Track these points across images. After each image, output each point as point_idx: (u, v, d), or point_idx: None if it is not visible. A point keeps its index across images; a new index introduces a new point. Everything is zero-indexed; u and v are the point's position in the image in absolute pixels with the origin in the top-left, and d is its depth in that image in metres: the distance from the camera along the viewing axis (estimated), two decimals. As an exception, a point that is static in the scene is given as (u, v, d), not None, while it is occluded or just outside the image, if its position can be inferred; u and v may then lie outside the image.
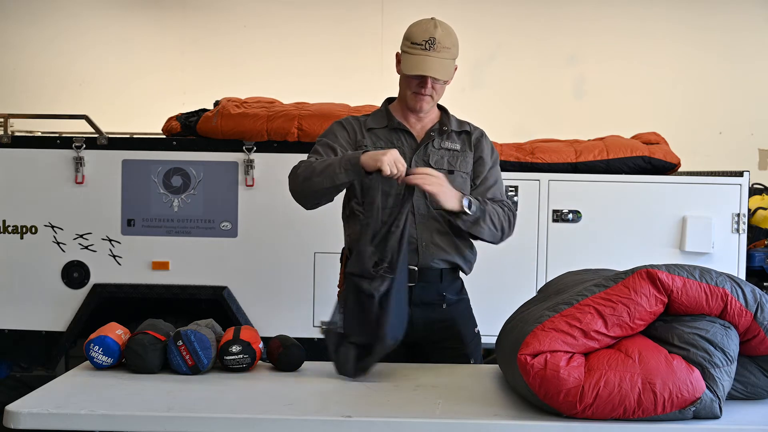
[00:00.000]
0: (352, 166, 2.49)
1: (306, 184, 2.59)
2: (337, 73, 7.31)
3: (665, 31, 7.50)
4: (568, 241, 4.08)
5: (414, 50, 2.62)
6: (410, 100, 2.70)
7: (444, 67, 2.63)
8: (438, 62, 2.61)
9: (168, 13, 7.87)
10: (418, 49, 2.61)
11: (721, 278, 2.09)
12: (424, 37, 2.60)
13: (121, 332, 2.49)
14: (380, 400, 2.19)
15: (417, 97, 2.68)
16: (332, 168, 2.52)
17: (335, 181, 2.53)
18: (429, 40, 2.60)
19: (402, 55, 2.67)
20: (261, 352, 2.49)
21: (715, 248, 4.04)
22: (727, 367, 2.02)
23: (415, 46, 2.62)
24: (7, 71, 7.84)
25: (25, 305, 4.08)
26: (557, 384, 1.99)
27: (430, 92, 2.67)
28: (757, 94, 7.42)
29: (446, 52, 2.62)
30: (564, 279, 2.47)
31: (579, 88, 7.57)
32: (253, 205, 4.06)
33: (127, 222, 4.08)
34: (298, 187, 2.63)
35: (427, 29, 2.62)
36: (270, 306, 4.07)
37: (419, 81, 2.65)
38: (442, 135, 2.76)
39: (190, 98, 6.47)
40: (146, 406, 2.10)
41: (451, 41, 2.64)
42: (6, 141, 4.12)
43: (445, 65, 2.63)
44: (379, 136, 2.75)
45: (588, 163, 4.13)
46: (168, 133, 4.20)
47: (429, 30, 2.61)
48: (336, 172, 2.51)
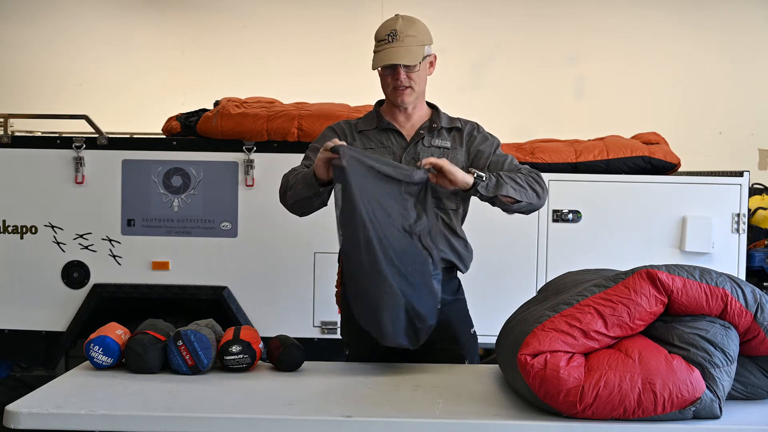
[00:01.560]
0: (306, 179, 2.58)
1: (284, 198, 2.73)
2: (337, 73, 7.30)
3: (665, 31, 7.50)
4: (568, 241, 4.07)
5: (381, 46, 2.68)
6: (391, 97, 2.74)
7: (409, 52, 2.66)
8: (402, 50, 2.65)
9: (168, 13, 7.87)
10: (384, 44, 2.68)
11: (721, 278, 2.09)
12: (386, 32, 2.68)
13: (121, 332, 2.49)
14: (380, 400, 2.20)
15: (396, 91, 2.71)
16: (299, 184, 2.63)
17: (299, 196, 2.65)
18: (391, 33, 2.67)
19: (373, 56, 2.71)
20: (261, 352, 2.49)
21: (715, 248, 4.04)
22: (727, 367, 2.02)
23: (380, 43, 2.69)
24: (7, 71, 7.84)
25: (25, 305, 4.08)
26: (557, 384, 1.99)
27: (407, 82, 2.69)
28: (757, 94, 7.42)
29: (410, 39, 2.67)
30: (564, 279, 2.47)
31: (579, 88, 7.56)
32: (253, 205, 4.06)
33: (127, 222, 4.08)
34: (282, 200, 2.77)
35: (388, 25, 2.70)
36: (270, 306, 4.07)
37: (392, 74, 2.69)
38: (431, 133, 2.77)
39: (190, 98, 6.47)
40: (146, 406, 2.10)
41: (415, 29, 2.69)
42: (6, 141, 4.12)
43: (411, 51, 2.67)
44: (369, 138, 2.78)
45: (588, 163, 4.13)
46: (168, 133, 4.20)
47: (390, 25, 2.69)
48: (300, 187, 2.63)
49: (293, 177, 2.69)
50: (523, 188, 2.64)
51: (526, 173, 2.71)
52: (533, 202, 2.67)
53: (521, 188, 2.64)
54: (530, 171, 2.74)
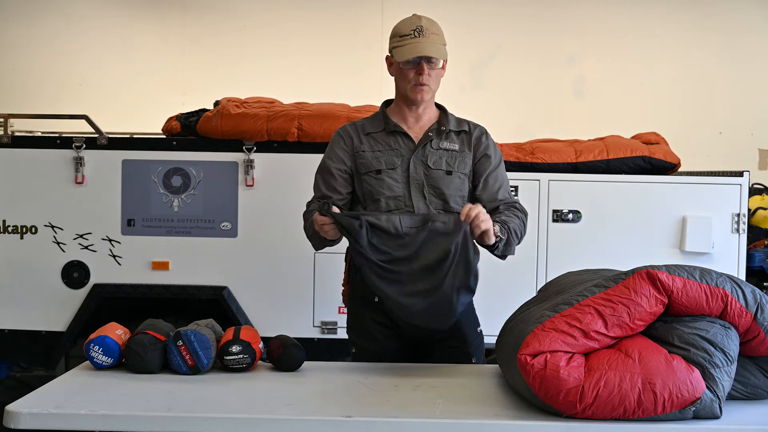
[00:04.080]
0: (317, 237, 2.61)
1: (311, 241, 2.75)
2: (337, 73, 7.31)
3: (665, 31, 7.50)
4: (568, 241, 4.08)
5: (404, 41, 2.67)
6: (410, 93, 2.72)
7: (437, 48, 2.67)
8: (431, 44, 2.66)
9: (168, 13, 7.87)
10: (408, 38, 2.66)
11: (722, 279, 2.09)
12: (412, 28, 2.67)
13: (121, 332, 2.49)
14: (380, 400, 2.20)
15: (417, 88, 2.70)
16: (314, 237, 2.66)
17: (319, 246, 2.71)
18: (417, 29, 2.66)
19: (394, 50, 2.70)
20: (261, 352, 2.49)
21: (715, 248, 4.04)
22: (727, 367, 2.02)
23: (404, 37, 2.67)
24: (7, 71, 7.84)
25: (25, 305, 4.08)
26: (557, 384, 1.99)
27: (428, 80, 2.69)
28: (757, 94, 7.41)
29: (435, 37, 2.68)
30: (564, 279, 2.47)
31: (579, 88, 7.56)
32: (253, 205, 4.06)
33: (127, 222, 4.08)
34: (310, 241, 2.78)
35: (412, 21, 2.69)
36: (270, 306, 4.07)
37: (416, 69, 2.68)
38: (440, 135, 2.77)
39: (190, 98, 6.47)
40: (146, 406, 2.10)
41: (438, 29, 2.70)
42: (6, 141, 4.13)
43: (438, 47, 2.68)
44: (377, 140, 2.77)
45: (588, 163, 4.13)
46: (168, 133, 4.20)
47: (414, 21, 2.69)
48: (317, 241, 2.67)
49: (308, 227, 2.69)
50: (519, 240, 2.69)
51: (521, 214, 2.73)
52: None
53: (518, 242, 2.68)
54: (522, 210, 2.77)
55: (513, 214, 2.70)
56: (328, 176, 2.77)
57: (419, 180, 2.71)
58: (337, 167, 2.76)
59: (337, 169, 2.76)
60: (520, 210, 2.75)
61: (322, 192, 2.77)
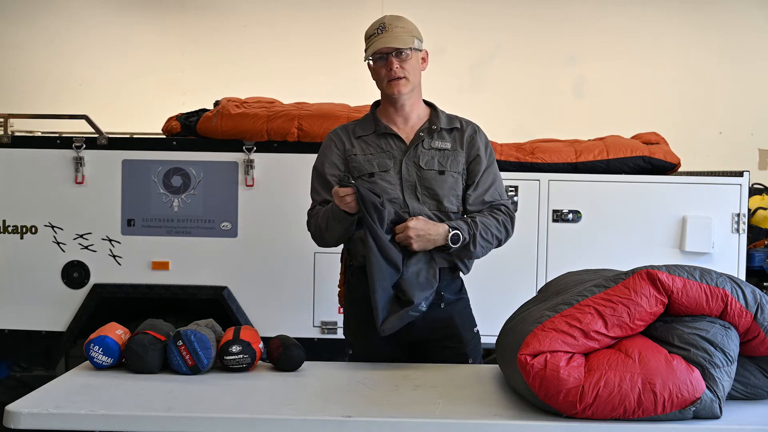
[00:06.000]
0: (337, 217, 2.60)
1: (323, 240, 2.74)
2: (338, 73, 7.30)
3: (665, 31, 7.50)
4: (568, 241, 4.07)
5: (370, 41, 2.71)
6: (387, 89, 2.73)
7: (400, 38, 2.68)
8: (392, 37, 2.67)
9: (168, 13, 7.87)
10: (373, 38, 2.70)
11: (722, 279, 2.09)
12: (375, 27, 2.71)
13: (121, 332, 2.49)
14: (380, 400, 2.20)
15: (391, 83, 2.70)
16: (331, 222, 2.64)
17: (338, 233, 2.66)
18: (379, 27, 2.70)
19: (365, 53, 2.73)
20: (261, 352, 2.49)
21: (715, 248, 4.04)
22: (727, 367, 2.02)
23: (370, 38, 2.72)
24: (7, 71, 7.84)
25: (25, 305, 4.08)
26: (557, 384, 1.99)
27: (401, 72, 2.68)
28: (757, 94, 7.42)
29: (399, 29, 2.69)
30: (564, 279, 2.47)
31: (579, 88, 7.57)
32: (253, 205, 4.06)
33: (127, 222, 4.08)
34: (320, 243, 2.77)
35: (376, 21, 2.73)
36: (270, 306, 4.07)
37: (385, 64, 2.69)
38: (431, 134, 2.76)
39: (190, 98, 6.47)
40: (146, 406, 2.10)
41: (404, 22, 2.72)
42: (6, 141, 4.13)
43: (401, 37, 2.68)
44: (368, 143, 2.77)
45: (588, 163, 4.13)
46: (168, 133, 4.20)
47: (378, 21, 2.73)
48: (333, 224, 2.64)
49: (322, 219, 2.69)
50: (489, 244, 2.70)
51: (503, 217, 2.74)
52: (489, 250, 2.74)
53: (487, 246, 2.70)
54: (508, 212, 2.77)
55: (491, 216, 2.72)
56: (324, 182, 2.77)
57: (412, 181, 2.71)
58: (332, 173, 2.76)
59: (332, 175, 2.76)
60: (503, 213, 2.75)
61: (323, 197, 2.76)
